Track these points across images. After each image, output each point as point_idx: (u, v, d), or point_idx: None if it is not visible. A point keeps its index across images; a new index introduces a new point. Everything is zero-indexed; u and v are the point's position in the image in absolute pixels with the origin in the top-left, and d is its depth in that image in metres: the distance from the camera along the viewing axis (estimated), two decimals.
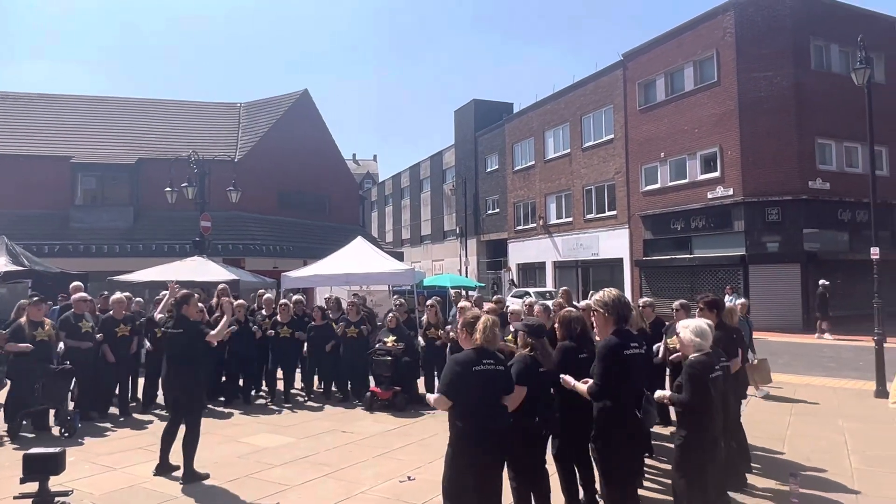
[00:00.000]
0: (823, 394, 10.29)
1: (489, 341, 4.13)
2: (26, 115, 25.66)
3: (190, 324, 6.29)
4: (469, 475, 3.96)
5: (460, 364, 4.07)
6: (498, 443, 4.03)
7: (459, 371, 4.03)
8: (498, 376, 4.12)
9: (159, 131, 26.07)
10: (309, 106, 30.00)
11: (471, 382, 3.99)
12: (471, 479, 3.96)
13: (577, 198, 30.22)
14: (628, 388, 4.20)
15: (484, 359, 4.08)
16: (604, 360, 4.16)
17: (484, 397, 4.02)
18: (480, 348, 4.12)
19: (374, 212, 61.99)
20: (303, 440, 7.54)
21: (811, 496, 5.46)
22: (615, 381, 4.14)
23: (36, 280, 13.03)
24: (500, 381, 4.15)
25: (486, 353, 4.11)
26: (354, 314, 10.22)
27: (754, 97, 21.68)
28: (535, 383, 4.40)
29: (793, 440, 7.41)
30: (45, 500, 2.77)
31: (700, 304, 5.96)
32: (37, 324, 7.93)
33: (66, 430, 7.64)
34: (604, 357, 4.17)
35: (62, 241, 21.22)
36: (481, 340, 4.13)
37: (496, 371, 4.11)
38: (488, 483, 4.05)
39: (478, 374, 4.01)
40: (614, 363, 4.14)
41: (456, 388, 3.99)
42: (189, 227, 19.15)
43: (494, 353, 4.18)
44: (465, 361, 4.07)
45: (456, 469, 4.00)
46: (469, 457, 3.96)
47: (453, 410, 4.04)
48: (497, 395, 4.13)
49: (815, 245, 21.46)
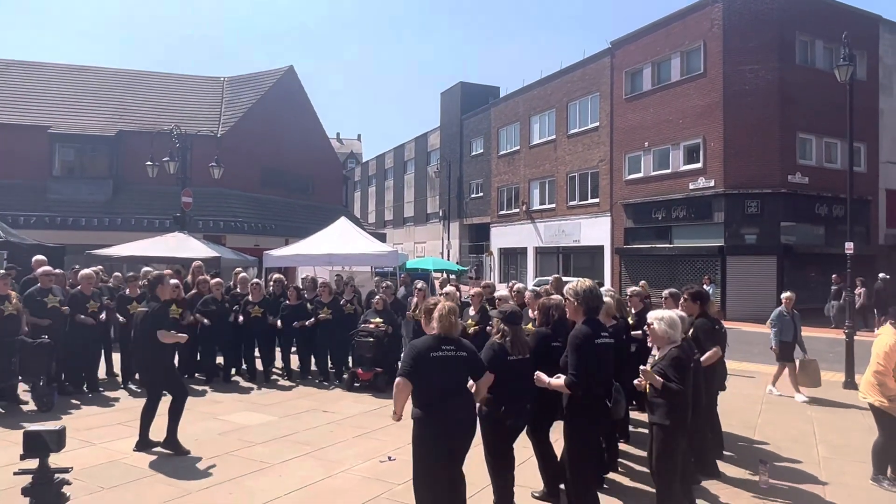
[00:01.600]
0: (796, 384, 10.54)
1: (446, 329, 4.11)
2: (3, 81, 24.96)
3: (157, 306, 6.28)
4: (430, 459, 4.00)
5: (418, 349, 4.07)
6: (458, 429, 4.03)
7: (416, 356, 4.03)
8: (459, 362, 4.10)
9: (141, 103, 25.56)
10: (294, 83, 29.60)
11: (429, 368, 3.98)
12: (433, 462, 4.00)
13: (561, 184, 30.34)
14: (599, 377, 4.26)
15: (444, 345, 4.06)
16: (577, 350, 4.19)
17: (444, 383, 4.01)
18: (439, 335, 4.11)
19: (357, 192, 61.61)
20: (283, 419, 7.57)
21: (780, 483, 5.64)
22: (587, 370, 4.20)
23: (12, 252, 12.80)
24: (462, 367, 4.13)
25: (446, 339, 4.09)
26: (326, 295, 10.21)
27: (739, 90, 21.87)
28: (502, 371, 4.40)
29: (764, 428, 7.62)
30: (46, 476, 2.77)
31: (685, 295, 6.07)
32: (3, 297, 7.70)
33: (43, 406, 7.59)
34: (577, 347, 4.20)
35: (39, 212, 20.80)
36: (438, 328, 4.13)
37: (457, 357, 4.08)
38: (451, 469, 4.09)
39: (436, 361, 4.00)
40: (587, 352, 4.19)
41: (415, 373, 3.99)
42: (170, 202, 18.90)
43: (457, 340, 4.18)
44: (423, 347, 4.07)
45: (419, 456, 4.04)
46: (429, 442, 3.98)
47: (414, 397, 4.05)
48: (459, 381, 4.13)
49: (791, 238, 21.85)
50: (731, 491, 5.46)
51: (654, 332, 4.59)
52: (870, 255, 22.31)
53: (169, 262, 12.39)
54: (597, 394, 4.25)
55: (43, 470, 2.81)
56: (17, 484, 2.92)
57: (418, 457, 4.07)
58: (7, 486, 4.80)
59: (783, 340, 9.51)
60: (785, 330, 9.51)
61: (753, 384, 10.37)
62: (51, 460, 2.89)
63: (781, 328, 9.53)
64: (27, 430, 2.85)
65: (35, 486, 2.81)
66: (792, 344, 9.56)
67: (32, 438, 2.80)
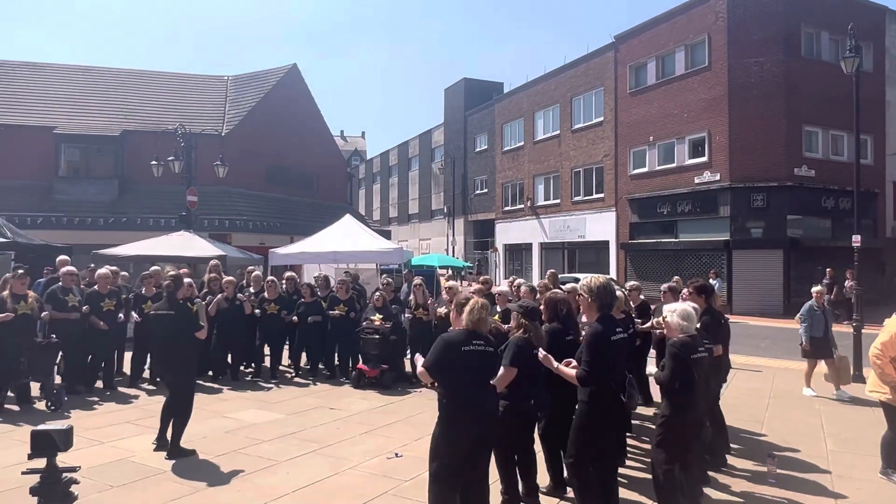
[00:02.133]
0: (802, 378, 10.50)
1: (476, 325, 4.12)
2: (8, 83, 25.06)
3: (181, 306, 6.29)
4: (456, 455, 3.97)
5: (449, 342, 4.07)
6: (486, 424, 4.04)
7: (448, 349, 4.03)
8: (487, 357, 4.13)
9: (145, 103, 25.64)
10: (297, 81, 29.62)
11: (460, 362, 3.99)
12: (457, 459, 3.97)
13: (566, 180, 30.27)
14: (613, 373, 4.29)
15: (474, 339, 4.08)
16: (592, 347, 4.20)
17: (473, 378, 4.03)
18: (470, 330, 4.13)
19: (361, 189, 61.66)
20: (291, 416, 7.59)
21: (788, 476, 5.63)
22: (603, 366, 4.21)
23: (19, 252, 12.87)
24: (489, 363, 4.17)
25: (476, 334, 4.12)
26: (343, 292, 10.23)
27: (744, 83, 21.75)
28: (530, 365, 4.47)
29: (771, 423, 7.60)
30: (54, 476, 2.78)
31: (689, 289, 6.05)
32: (20, 297, 7.83)
33: (53, 404, 7.63)
34: (592, 344, 4.21)
35: (45, 212, 20.92)
36: (468, 324, 4.13)
37: (486, 352, 4.11)
38: (475, 464, 4.09)
39: (467, 354, 4.01)
40: (602, 350, 4.20)
41: (442, 366, 4.00)
42: (175, 202, 18.95)
43: (485, 335, 4.20)
44: (455, 341, 4.07)
45: (442, 448, 4.02)
46: (456, 437, 3.96)
47: (442, 389, 4.06)
48: (486, 376, 4.16)
49: (798, 231, 21.74)
50: (739, 483, 5.46)
51: (669, 325, 4.60)
52: (877, 247, 22.20)
53: (175, 261, 12.41)
54: (612, 389, 4.27)
55: (51, 469, 2.82)
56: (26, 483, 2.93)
57: (441, 450, 4.01)
58: (16, 485, 4.83)
59: (814, 336, 9.20)
60: (816, 325, 9.21)
61: (760, 378, 10.34)
62: (59, 459, 2.90)
63: (812, 323, 9.22)
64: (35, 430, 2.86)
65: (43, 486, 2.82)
66: (823, 339, 9.23)
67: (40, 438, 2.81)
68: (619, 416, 4.41)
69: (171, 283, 6.30)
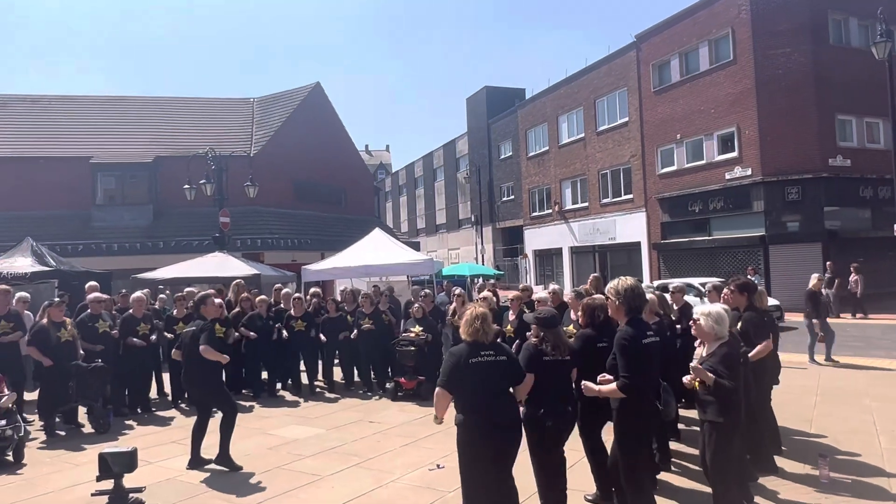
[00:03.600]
0: (849, 374, 10.22)
1: (475, 336, 4.06)
2: (45, 117, 25.96)
3: (205, 324, 6.43)
4: (479, 469, 3.95)
5: (455, 356, 4.06)
6: (503, 434, 3.98)
7: (454, 363, 4.01)
8: (499, 366, 4.06)
9: (175, 129, 26.27)
10: (321, 99, 30.04)
11: (467, 374, 3.96)
12: (482, 473, 3.95)
13: (593, 182, 30.03)
14: (648, 377, 4.19)
15: (481, 350, 4.03)
16: (626, 352, 4.10)
17: (485, 389, 3.98)
18: (473, 342, 4.08)
19: (388, 202, 62.07)
20: (331, 431, 7.65)
21: (841, 477, 5.45)
22: (639, 371, 4.12)
23: (62, 280, 13.26)
24: (502, 371, 4.09)
25: (481, 345, 4.06)
26: (368, 306, 10.28)
27: (772, 74, 21.35)
28: (539, 372, 4.34)
29: (820, 421, 7.38)
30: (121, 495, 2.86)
31: (731, 287, 5.92)
32: (59, 324, 8.08)
33: (100, 427, 7.83)
34: (625, 349, 4.11)
35: (85, 240, 21.54)
36: (465, 335, 4.10)
37: (496, 362, 4.04)
38: (498, 473, 4.04)
39: (474, 367, 3.97)
40: (636, 353, 4.11)
41: (454, 380, 3.98)
42: (208, 223, 19.34)
43: (496, 344, 4.16)
44: (459, 354, 4.05)
45: (466, 464, 4.01)
46: (476, 450, 3.94)
47: (456, 404, 4.03)
48: (501, 385, 4.10)
49: (836, 223, 21.17)
50: (791, 486, 5.30)
51: (700, 328, 4.49)
52: None
53: (211, 282, 12.67)
54: (647, 395, 4.18)
55: (118, 490, 2.90)
56: None
57: (464, 462, 4.05)
58: None
59: None
60: None
61: (805, 375, 10.08)
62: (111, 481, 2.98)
63: None
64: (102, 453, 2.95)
65: None
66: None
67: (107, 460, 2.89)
68: (655, 424, 4.28)
69: (195, 303, 6.49)
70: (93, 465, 3.92)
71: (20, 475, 6.21)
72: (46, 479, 6.00)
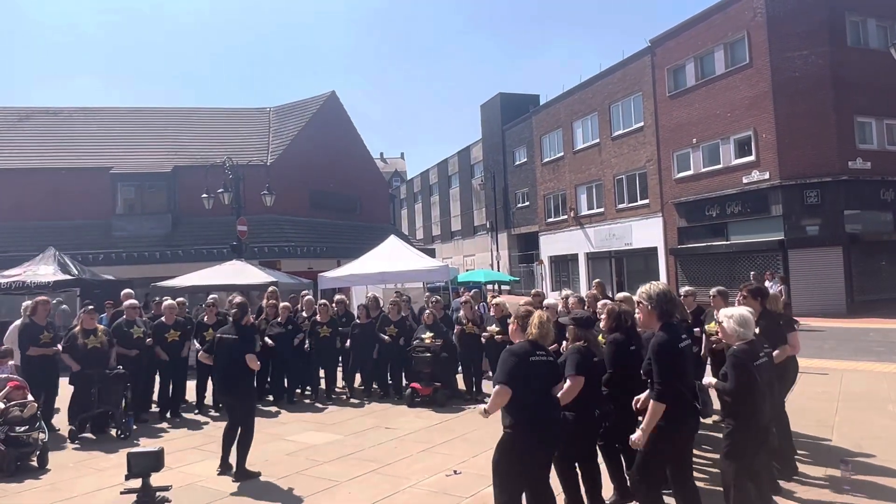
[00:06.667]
0: (872, 379, 10.07)
1: (541, 337, 4.23)
2: (66, 129, 26.48)
3: (246, 330, 6.50)
4: (523, 463, 4.05)
5: (517, 355, 4.14)
6: (553, 432, 4.13)
7: (517, 362, 4.10)
8: (551, 367, 4.26)
9: (193, 139, 26.65)
10: (337, 107, 30.30)
11: (528, 372, 4.08)
12: (523, 467, 4.06)
13: (609, 187, 29.92)
14: (684, 381, 4.17)
15: (538, 350, 4.19)
16: (663, 359, 4.04)
17: (540, 387, 4.14)
18: (534, 341, 4.21)
19: (403, 209, 62.27)
20: (349, 437, 7.69)
21: (864, 483, 5.38)
22: (675, 376, 4.09)
23: (84, 288, 13.50)
24: (552, 372, 4.29)
25: (539, 345, 4.23)
26: (395, 313, 10.34)
27: (789, 77, 21.16)
28: (592, 374, 4.48)
29: (841, 427, 7.28)
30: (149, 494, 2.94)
31: (743, 292, 5.89)
32: (89, 331, 8.28)
33: (122, 432, 7.95)
34: (660, 355, 4.04)
35: (106, 249, 21.90)
36: (536, 335, 4.22)
37: (549, 362, 4.24)
38: (541, 471, 4.17)
39: (534, 365, 4.11)
40: (673, 359, 4.07)
41: (515, 378, 4.06)
42: (226, 232, 19.56)
43: (545, 347, 4.29)
44: (522, 352, 4.16)
45: (510, 455, 4.07)
46: (526, 445, 4.04)
47: (511, 400, 4.07)
48: (550, 385, 4.25)
49: (856, 227, 20.89)
50: (813, 491, 5.24)
51: (724, 331, 4.49)
52: None
53: (228, 290, 12.81)
54: (686, 399, 4.16)
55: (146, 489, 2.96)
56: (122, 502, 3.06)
57: (507, 455, 4.06)
58: None
59: None
60: None
61: (826, 381, 9.94)
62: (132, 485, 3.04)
63: None
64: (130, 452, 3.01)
65: None
66: None
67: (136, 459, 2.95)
68: (694, 425, 4.27)
69: (238, 310, 6.54)
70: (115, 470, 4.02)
71: (44, 480, 6.33)
72: (71, 484, 6.10)
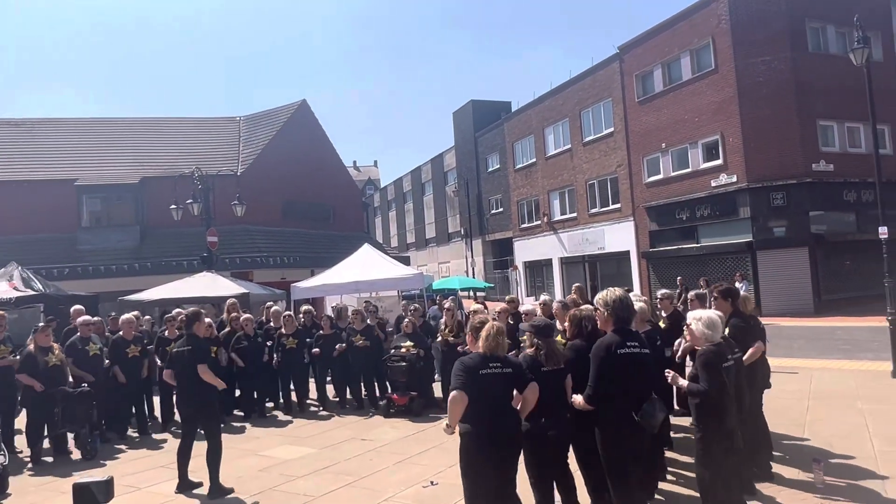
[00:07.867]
0: (840, 377, 10.25)
1: (492, 349, 4.15)
2: (29, 140, 25.73)
3: (198, 341, 6.33)
4: (483, 479, 3.99)
5: (467, 367, 4.10)
6: (507, 445, 4.07)
7: (468, 372, 4.06)
8: (505, 379, 4.14)
9: (161, 149, 26.12)
10: (308, 116, 30.05)
11: (478, 385, 4.02)
12: (485, 483, 3.99)
13: (581, 193, 30.18)
14: (624, 388, 4.13)
15: (490, 362, 4.11)
16: (594, 361, 4.14)
17: (492, 400, 4.04)
18: (486, 354, 4.15)
19: (377, 217, 62.05)
20: (323, 450, 7.56)
21: (837, 481, 5.44)
22: (608, 381, 4.10)
23: (48, 304, 13.08)
24: (507, 384, 4.17)
25: (493, 357, 4.14)
26: (359, 322, 10.22)
27: (753, 82, 21.61)
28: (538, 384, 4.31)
29: (813, 425, 7.38)
30: None
31: (714, 294, 5.92)
32: (46, 349, 7.98)
33: (87, 453, 7.69)
34: (595, 358, 4.14)
35: (71, 263, 21.29)
36: (484, 348, 4.16)
37: (503, 374, 4.13)
38: (503, 485, 4.09)
39: (484, 378, 4.04)
40: (606, 363, 4.10)
41: (467, 385, 4.01)
42: (196, 243, 19.20)
43: (503, 357, 4.21)
44: (472, 365, 4.10)
45: (469, 473, 4.04)
46: (482, 460, 3.98)
47: (466, 408, 4.03)
48: (505, 397, 4.15)
49: (821, 227, 21.35)
50: (788, 492, 5.28)
51: (692, 333, 4.50)
52: None
53: (199, 302, 12.54)
54: (621, 406, 4.13)
55: None
56: None
57: (466, 471, 4.07)
58: None
59: None
60: None
61: (797, 380, 10.09)
62: None
63: None
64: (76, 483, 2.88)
65: None
66: None
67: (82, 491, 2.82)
68: (630, 437, 4.15)
69: (186, 319, 6.39)
70: None
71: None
72: None
